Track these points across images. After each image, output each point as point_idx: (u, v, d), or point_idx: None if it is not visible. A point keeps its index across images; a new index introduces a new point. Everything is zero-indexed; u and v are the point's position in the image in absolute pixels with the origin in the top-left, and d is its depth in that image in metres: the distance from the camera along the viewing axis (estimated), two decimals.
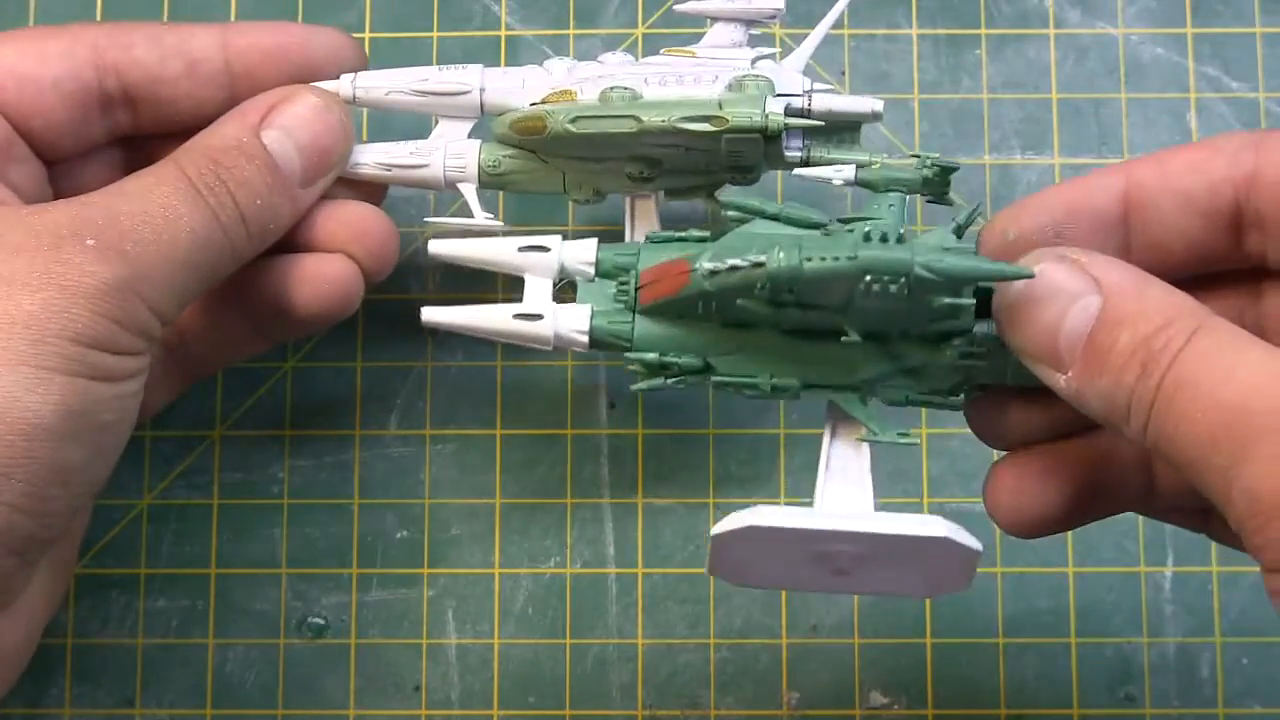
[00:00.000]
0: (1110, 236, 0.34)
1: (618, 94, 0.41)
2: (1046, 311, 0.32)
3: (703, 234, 0.38)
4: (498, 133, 0.43)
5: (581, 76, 0.42)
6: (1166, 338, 0.30)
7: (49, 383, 0.34)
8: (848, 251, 0.33)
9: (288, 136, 0.40)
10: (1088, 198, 0.34)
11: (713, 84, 0.42)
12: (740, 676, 0.48)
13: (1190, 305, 0.31)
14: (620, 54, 0.43)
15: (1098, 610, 0.48)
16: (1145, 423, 0.31)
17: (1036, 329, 0.33)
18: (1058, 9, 0.52)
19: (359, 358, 0.50)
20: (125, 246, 0.36)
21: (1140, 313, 0.31)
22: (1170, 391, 0.30)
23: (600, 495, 0.49)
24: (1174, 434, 0.30)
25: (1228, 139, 0.34)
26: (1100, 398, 0.32)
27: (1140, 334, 0.31)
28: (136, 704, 0.49)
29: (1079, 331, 0.32)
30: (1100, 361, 0.31)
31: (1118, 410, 0.31)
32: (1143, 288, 0.32)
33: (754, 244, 0.35)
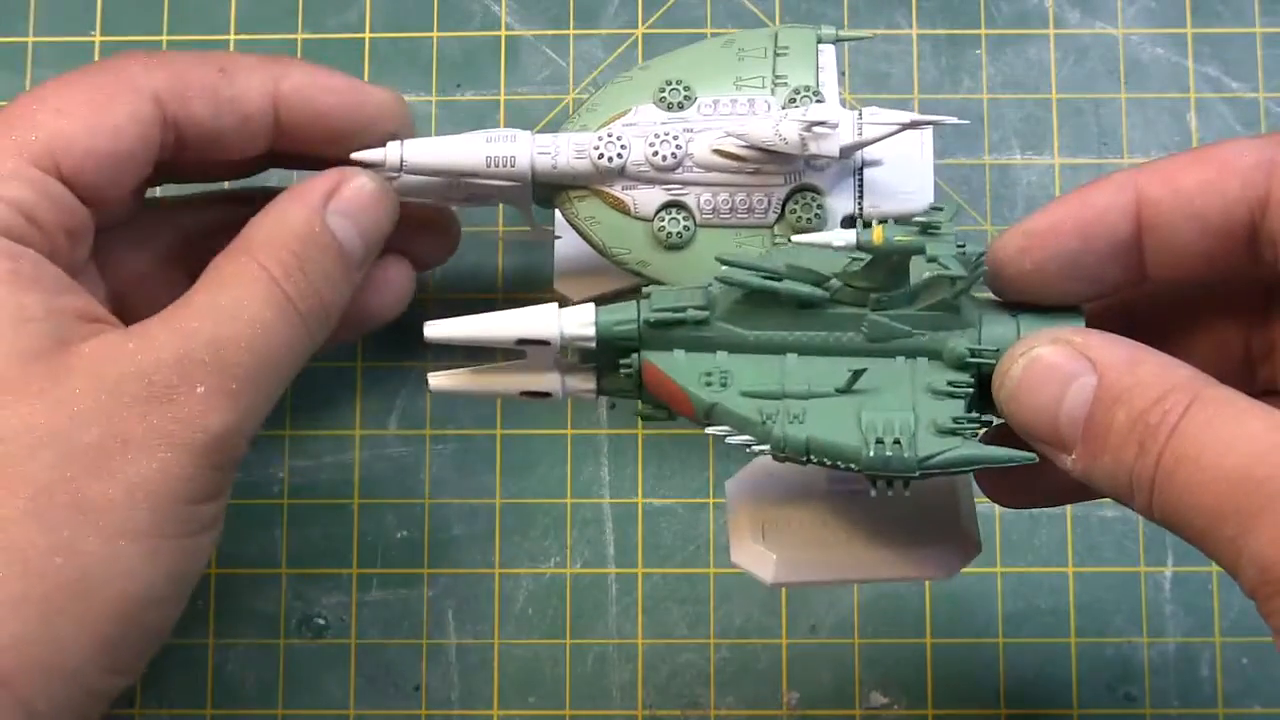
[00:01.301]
0: (1123, 258, 0.34)
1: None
2: (1045, 395, 0.32)
3: (700, 313, 0.35)
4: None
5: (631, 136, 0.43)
6: (1162, 412, 0.30)
7: (162, 551, 0.34)
8: (852, 444, 0.33)
9: (351, 223, 0.40)
10: (1100, 220, 0.34)
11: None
12: (740, 676, 0.48)
13: (1186, 376, 0.31)
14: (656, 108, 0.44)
15: (1098, 610, 0.48)
16: (1150, 498, 0.31)
17: (1037, 413, 0.33)
18: (1058, 9, 0.52)
19: (359, 358, 0.50)
20: (231, 386, 0.36)
21: (1135, 388, 0.31)
22: (1170, 466, 0.30)
23: (600, 495, 0.49)
24: (1178, 507, 0.30)
25: (1238, 153, 0.33)
26: (1104, 477, 0.32)
27: (1136, 410, 0.31)
28: (136, 704, 0.49)
29: (1078, 413, 0.32)
30: (1100, 441, 0.32)
31: (1122, 487, 0.31)
32: (1137, 363, 0.32)
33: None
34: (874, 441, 0.33)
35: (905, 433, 0.33)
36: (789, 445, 0.34)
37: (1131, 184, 0.34)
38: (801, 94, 0.43)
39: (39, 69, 0.52)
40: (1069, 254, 0.34)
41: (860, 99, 0.51)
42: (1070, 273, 0.34)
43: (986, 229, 0.50)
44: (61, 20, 0.53)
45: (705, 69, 0.44)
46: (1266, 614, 0.29)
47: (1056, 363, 0.32)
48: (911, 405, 0.34)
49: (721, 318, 0.35)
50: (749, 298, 0.35)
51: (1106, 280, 0.35)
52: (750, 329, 0.35)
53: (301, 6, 0.53)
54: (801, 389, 0.34)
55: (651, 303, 0.35)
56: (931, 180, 0.44)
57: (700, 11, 0.52)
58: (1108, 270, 0.34)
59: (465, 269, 0.51)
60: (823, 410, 0.34)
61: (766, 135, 0.42)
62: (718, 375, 0.35)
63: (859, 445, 0.33)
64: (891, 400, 0.34)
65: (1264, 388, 0.36)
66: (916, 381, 0.35)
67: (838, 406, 0.34)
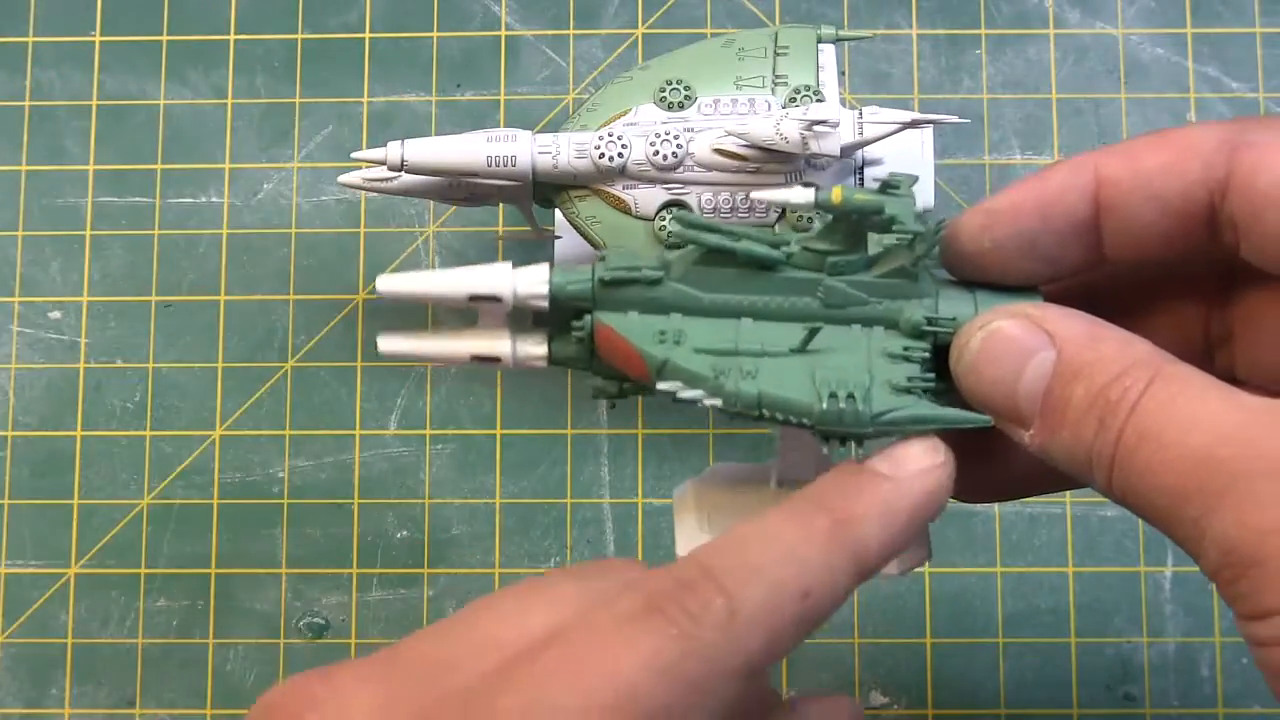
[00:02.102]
0: (1082, 238, 0.34)
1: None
2: (1003, 368, 0.32)
3: (655, 273, 0.34)
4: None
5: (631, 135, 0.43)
6: (1123, 388, 0.30)
7: None
8: (805, 399, 0.33)
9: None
10: (1059, 200, 0.34)
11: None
12: None
13: (1146, 352, 0.31)
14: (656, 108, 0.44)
15: (1098, 610, 0.48)
16: (1109, 476, 0.30)
17: (995, 386, 0.32)
18: (1058, 9, 0.52)
19: (359, 358, 0.50)
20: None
21: (1095, 364, 0.31)
22: (1131, 444, 0.30)
23: (600, 495, 0.49)
24: (1140, 486, 0.30)
25: (1200, 136, 0.33)
26: (1062, 453, 0.31)
27: (1096, 386, 0.30)
28: (136, 704, 0.49)
29: (1036, 388, 0.31)
30: (1059, 416, 0.31)
31: (1080, 464, 0.31)
32: (1097, 338, 0.31)
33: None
34: (827, 395, 0.33)
35: (859, 389, 0.33)
36: (741, 400, 0.33)
37: (1091, 164, 0.34)
38: (802, 93, 0.43)
39: (39, 69, 0.52)
40: (1028, 233, 0.34)
41: (860, 99, 0.51)
42: (1029, 252, 0.34)
43: None
44: (61, 20, 0.53)
45: (705, 69, 0.44)
46: (1230, 598, 0.29)
47: (1015, 335, 0.32)
48: (867, 368, 0.33)
49: (677, 279, 0.34)
50: (705, 258, 0.34)
51: (1065, 260, 0.34)
52: (706, 291, 0.35)
53: (301, 6, 0.53)
54: (755, 349, 0.34)
55: (607, 262, 0.34)
56: (932, 180, 0.44)
57: (700, 11, 0.52)
58: (1067, 250, 0.34)
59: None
60: (776, 367, 0.33)
61: (767, 134, 0.42)
62: (671, 334, 0.34)
63: (811, 400, 0.33)
64: (846, 360, 0.34)
65: (1222, 373, 0.36)
66: (872, 346, 0.34)
67: (792, 365, 0.34)
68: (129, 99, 0.52)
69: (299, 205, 0.51)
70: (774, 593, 0.29)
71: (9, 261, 0.51)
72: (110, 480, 0.50)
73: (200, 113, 0.52)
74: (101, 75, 0.52)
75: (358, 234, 0.51)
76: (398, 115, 0.52)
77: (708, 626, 0.28)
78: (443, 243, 0.51)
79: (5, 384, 0.51)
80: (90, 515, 0.50)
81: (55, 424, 0.50)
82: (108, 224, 0.51)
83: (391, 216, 0.51)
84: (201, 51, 0.52)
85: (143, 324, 0.51)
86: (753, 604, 0.28)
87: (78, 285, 0.51)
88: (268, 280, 0.51)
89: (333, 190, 0.51)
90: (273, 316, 0.51)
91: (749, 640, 0.28)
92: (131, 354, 0.51)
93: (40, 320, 0.51)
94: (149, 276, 0.51)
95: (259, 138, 0.52)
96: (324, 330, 0.51)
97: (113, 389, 0.50)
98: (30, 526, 0.50)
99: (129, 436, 0.50)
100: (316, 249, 0.51)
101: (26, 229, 0.52)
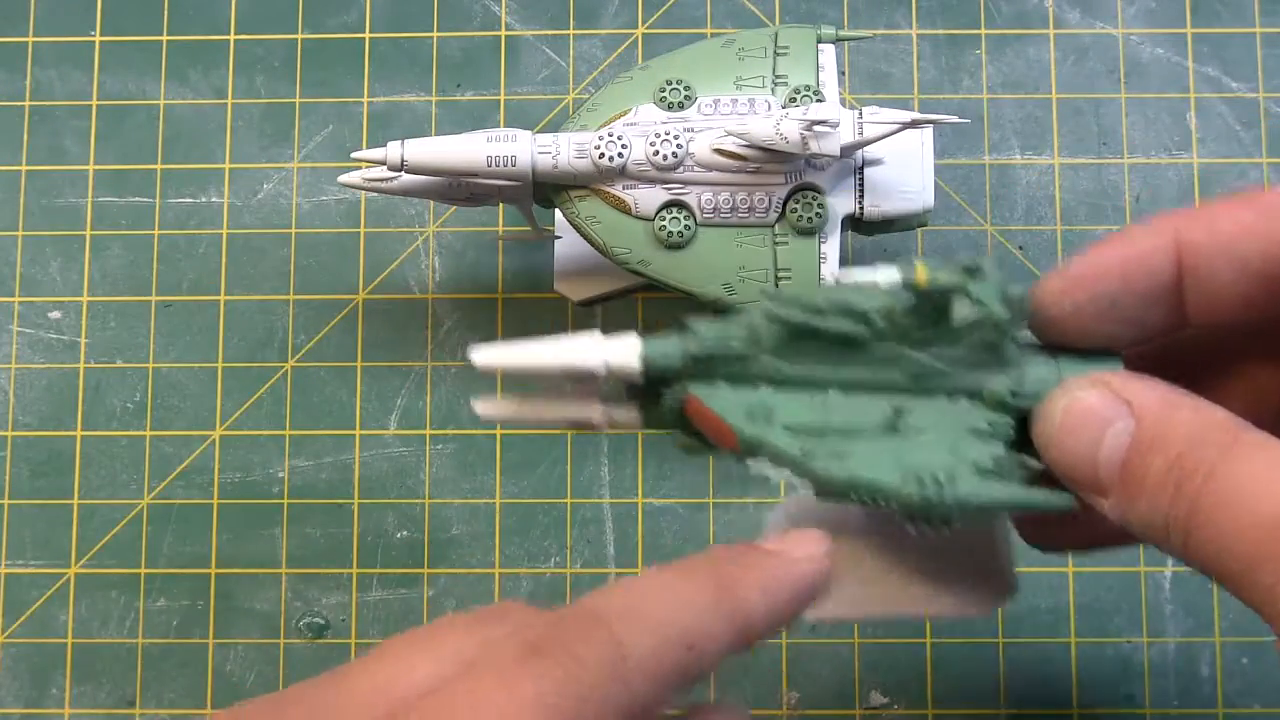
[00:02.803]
0: (1164, 301, 0.34)
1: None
2: (1083, 439, 0.33)
3: (744, 348, 0.35)
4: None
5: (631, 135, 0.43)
6: (1199, 457, 0.30)
7: None
8: (893, 484, 0.33)
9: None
10: (1141, 264, 0.34)
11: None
12: (740, 676, 0.48)
13: (1223, 421, 0.31)
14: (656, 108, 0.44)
15: (1098, 610, 0.48)
16: (1185, 542, 0.31)
17: (1076, 457, 0.33)
18: (1058, 9, 0.52)
19: (359, 358, 0.50)
20: None
21: (1172, 433, 0.31)
22: (1206, 511, 0.30)
23: (600, 495, 0.49)
24: (1215, 553, 0.30)
25: (1278, 196, 0.34)
26: (1140, 521, 0.32)
27: (1172, 454, 0.31)
28: (136, 704, 0.49)
29: (1115, 457, 0.32)
30: (1137, 485, 0.32)
31: (1157, 531, 0.31)
32: (1175, 406, 0.32)
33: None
34: (914, 482, 0.33)
35: (945, 473, 0.33)
36: (831, 484, 0.34)
37: (1172, 227, 0.34)
38: (802, 93, 0.43)
39: (39, 69, 0.52)
40: (1110, 296, 0.34)
41: (860, 99, 0.51)
42: (1111, 315, 0.34)
43: (987, 229, 0.50)
44: (61, 20, 0.53)
45: (705, 69, 0.44)
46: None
47: (1095, 406, 0.33)
48: (952, 446, 0.34)
49: (765, 351, 0.35)
50: (792, 333, 0.35)
51: (1147, 324, 0.35)
52: (793, 363, 0.35)
53: (301, 6, 0.53)
54: (843, 426, 0.34)
55: (696, 335, 0.35)
56: (932, 179, 0.44)
57: (700, 11, 0.52)
58: (1148, 313, 0.34)
59: (465, 269, 0.51)
60: (864, 448, 0.34)
61: (767, 134, 0.42)
62: (761, 410, 0.35)
63: (899, 485, 0.33)
64: (932, 440, 0.34)
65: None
66: (957, 421, 0.35)
67: (879, 445, 0.34)
68: (129, 99, 0.52)
69: (299, 205, 0.51)
70: (662, 642, 0.29)
71: (9, 261, 0.51)
72: (110, 480, 0.50)
73: (200, 113, 0.52)
74: (101, 75, 0.52)
75: (358, 234, 0.51)
76: (398, 115, 0.52)
77: (595, 669, 0.28)
78: (443, 243, 0.51)
79: (5, 384, 0.51)
80: (90, 515, 0.50)
81: (55, 424, 0.50)
82: (108, 224, 0.52)
83: (391, 216, 0.51)
84: (201, 51, 0.52)
85: (143, 324, 0.51)
86: (642, 650, 0.29)
87: (78, 285, 0.51)
88: (268, 280, 0.51)
89: (333, 190, 0.51)
90: (273, 316, 0.51)
91: (636, 683, 0.29)
92: (131, 354, 0.51)
93: (40, 320, 0.51)
94: (149, 276, 0.51)
95: (259, 138, 0.52)
96: (324, 330, 0.51)
97: (113, 389, 0.50)
98: (30, 526, 0.50)
99: (129, 436, 0.50)
100: (316, 249, 0.51)
101: (26, 229, 0.52)
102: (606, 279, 0.49)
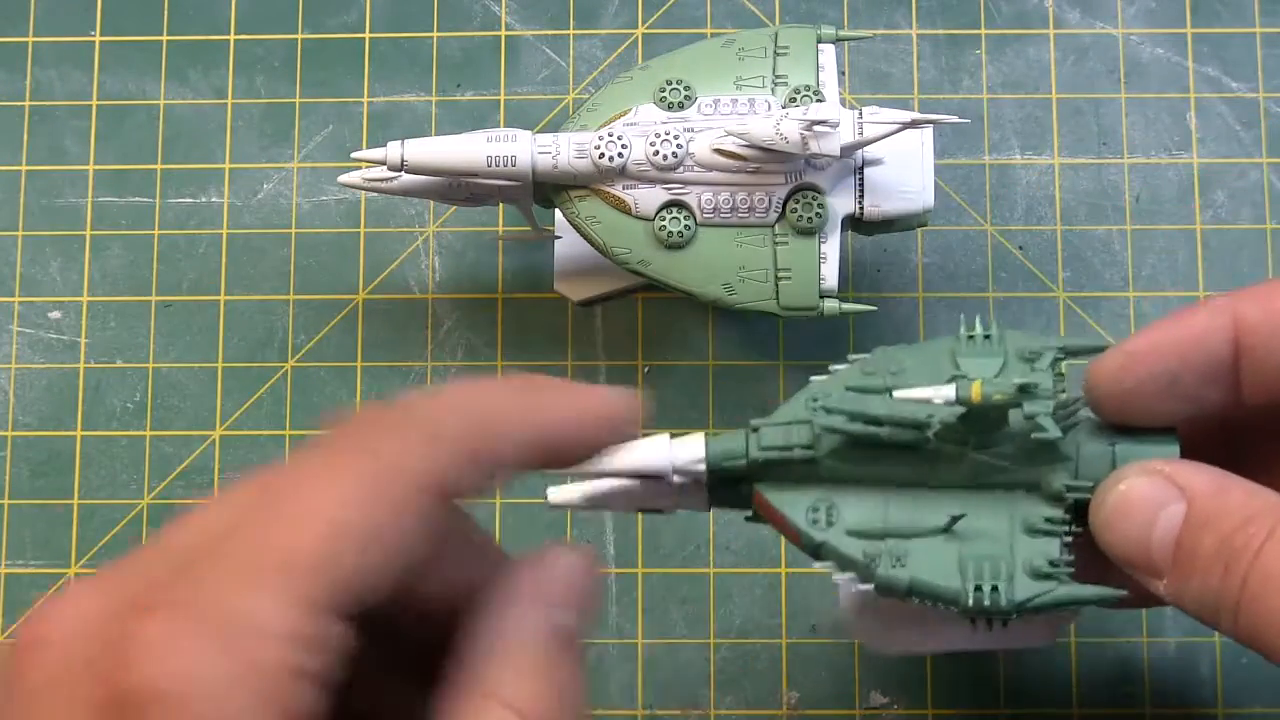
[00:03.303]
0: (1222, 380, 0.35)
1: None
2: (1137, 523, 0.34)
3: (806, 453, 0.36)
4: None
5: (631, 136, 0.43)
6: (1248, 535, 0.31)
7: None
8: (953, 587, 0.35)
9: (577, 612, 0.33)
10: (1199, 343, 0.35)
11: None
12: (740, 676, 0.48)
13: (1272, 502, 0.32)
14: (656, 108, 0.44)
15: (1098, 610, 0.48)
16: (1235, 620, 0.32)
17: (1130, 541, 0.34)
18: (1058, 9, 0.52)
19: (359, 358, 0.50)
20: None
21: (1222, 513, 0.32)
22: (1256, 588, 0.31)
23: None
24: (1263, 628, 0.31)
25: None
26: (1193, 600, 0.33)
27: (1222, 534, 0.32)
28: None
29: (1168, 539, 0.33)
30: (1189, 565, 0.33)
31: (1209, 610, 0.32)
32: (1224, 489, 0.33)
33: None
34: (973, 589, 0.35)
35: (1003, 577, 0.35)
36: (893, 587, 0.35)
37: (1230, 307, 0.35)
38: (802, 93, 0.43)
39: (39, 69, 0.52)
40: (1169, 375, 0.35)
41: (860, 99, 0.51)
42: (1169, 393, 0.35)
43: (987, 229, 0.50)
44: (61, 20, 0.53)
45: (705, 69, 0.44)
46: None
47: (1148, 491, 0.34)
48: (1009, 546, 0.35)
49: (826, 455, 0.36)
50: (852, 443, 0.36)
51: (1205, 401, 0.35)
52: (854, 465, 0.36)
53: (301, 6, 0.53)
54: (904, 527, 0.36)
55: (760, 440, 0.36)
56: (932, 179, 0.44)
57: (700, 11, 0.52)
58: (1206, 391, 0.35)
59: (465, 269, 0.51)
60: (924, 551, 0.35)
61: (767, 134, 0.42)
62: (824, 511, 0.36)
63: (958, 590, 0.35)
64: (990, 543, 0.35)
65: None
66: (1015, 518, 0.36)
67: (938, 547, 0.35)
68: (129, 99, 0.52)
69: (299, 205, 0.51)
70: (470, 426, 0.30)
71: (9, 261, 0.51)
72: (110, 480, 0.50)
73: (200, 113, 0.52)
74: (101, 75, 0.52)
75: (358, 234, 0.51)
76: (398, 115, 0.52)
77: (401, 450, 0.29)
78: (443, 243, 0.51)
79: (5, 384, 0.51)
80: (90, 515, 0.50)
81: (55, 424, 0.50)
82: (108, 224, 0.51)
83: (391, 216, 0.51)
84: (201, 51, 0.52)
85: (143, 324, 0.51)
86: (451, 430, 0.29)
87: (78, 285, 0.51)
88: (268, 280, 0.51)
89: (333, 190, 0.51)
90: (273, 316, 0.51)
91: (445, 460, 0.29)
92: (131, 354, 0.51)
93: (40, 320, 0.51)
94: (149, 276, 0.51)
95: (259, 138, 0.52)
96: (324, 330, 0.51)
97: (113, 389, 0.50)
98: (30, 526, 0.50)
99: (129, 436, 0.50)
100: (316, 249, 0.51)
101: (26, 229, 0.52)
102: (606, 279, 0.49)
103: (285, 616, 0.26)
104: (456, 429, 0.30)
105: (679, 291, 0.44)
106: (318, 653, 0.26)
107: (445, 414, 0.30)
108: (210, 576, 0.26)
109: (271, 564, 0.26)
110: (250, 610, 0.26)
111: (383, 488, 0.28)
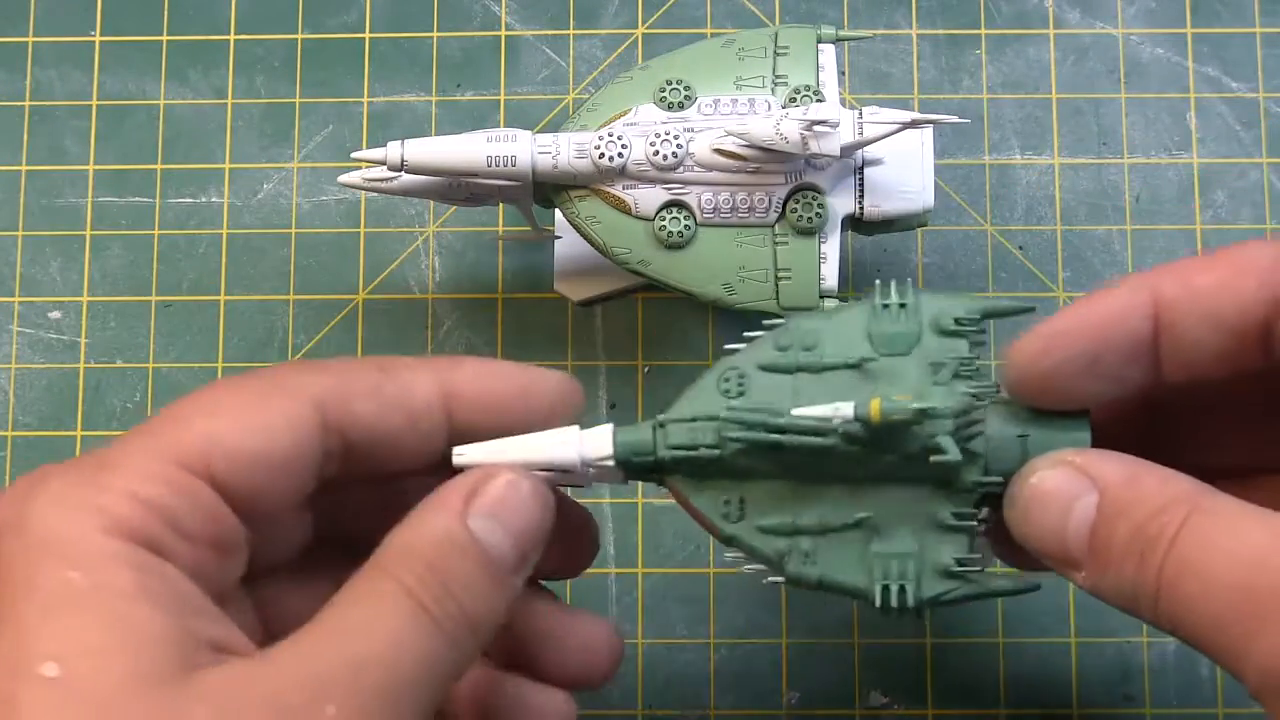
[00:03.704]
0: (1142, 358, 0.35)
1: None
2: (1050, 517, 0.33)
3: (712, 452, 0.36)
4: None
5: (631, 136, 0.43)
6: (1161, 523, 0.31)
7: None
8: (862, 585, 0.36)
9: (498, 525, 0.35)
10: (1119, 323, 0.34)
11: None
12: (740, 676, 0.48)
13: (1185, 488, 0.32)
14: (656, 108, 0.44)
15: (1098, 610, 0.48)
16: (1154, 608, 0.31)
17: (1045, 535, 0.34)
18: (1058, 9, 0.52)
19: (359, 358, 0.50)
20: (364, 705, 0.32)
21: (1135, 502, 0.32)
22: (1172, 577, 0.31)
23: (600, 495, 0.49)
24: (1183, 616, 0.31)
25: (1256, 253, 0.34)
26: (1111, 590, 0.33)
27: (1136, 523, 0.32)
28: None
29: (1083, 531, 0.33)
30: (1104, 556, 0.32)
31: (1127, 599, 0.32)
32: (1136, 477, 0.33)
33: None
34: (881, 587, 0.35)
35: (910, 576, 0.35)
36: (802, 583, 0.36)
37: (1148, 285, 0.34)
38: (802, 93, 0.43)
39: (39, 69, 0.52)
40: (1089, 354, 0.34)
41: (860, 99, 0.51)
42: (1090, 372, 0.35)
43: (986, 229, 0.50)
44: (61, 20, 0.53)
45: (705, 69, 0.44)
46: (1275, 714, 0.30)
47: (1059, 485, 0.33)
48: (918, 543, 0.36)
49: (732, 455, 0.36)
50: (756, 446, 0.36)
51: (1125, 381, 0.35)
52: (762, 462, 0.36)
53: (301, 6, 0.53)
54: (814, 525, 0.36)
55: (667, 438, 0.36)
56: (932, 179, 0.44)
57: (700, 11, 0.52)
58: (1127, 370, 0.35)
59: (465, 269, 0.51)
60: (833, 548, 0.36)
61: (767, 134, 0.42)
62: (735, 504, 0.36)
63: (868, 587, 0.36)
64: (898, 539, 0.36)
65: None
66: (924, 514, 0.36)
67: (847, 543, 0.36)
68: (129, 99, 0.52)
69: (299, 205, 0.51)
70: (349, 367, 0.36)
71: (9, 261, 0.51)
72: None
73: (200, 113, 0.52)
74: (101, 75, 0.52)
75: (358, 234, 0.51)
76: (398, 115, 0.52)
77: (286, 370, 0.36)
78: (443, 243, 0.51)
79: (5, 384, 0.51)
80: None
81: (55, 424, 0.50)
82: (108, 224, 0.52)
83: (391, 216, 0.51)
84: (201, 51, 0.53)
85: (143, 324, 0.51)
86: (334, 369, 0.36)
87: (78, 285, 0.51)
88: (268, 280, 0.51)
89: (333, 190, 0.51)
90: (273, 316, 0.51)
91: (330, 382, 0.35)
92: (131, 354, 0.51)
93: (40, 320, 0.51)
94: (149, 276, 0.51)
95: (259, 138, 0.52)
96: (324, 330, 0.51)
97: (113, 389, 0.50)
98: None
99: None
100: (316, 249, 0.51)
101: (26, 229, 0.52)
102: (606, 279, 0.49)
103: (144, 467, 0.32)
104: (339, 368, 0.36)
105: (679, 291, 0.44)
106: (188, 507, 0.32)
107: (329, 363, 0.36)
108: (96, 452, 0.32)
109: (147, 432, 0.33)
110: (112, 463, 0.32)
111: (266, 396, 0.34)
